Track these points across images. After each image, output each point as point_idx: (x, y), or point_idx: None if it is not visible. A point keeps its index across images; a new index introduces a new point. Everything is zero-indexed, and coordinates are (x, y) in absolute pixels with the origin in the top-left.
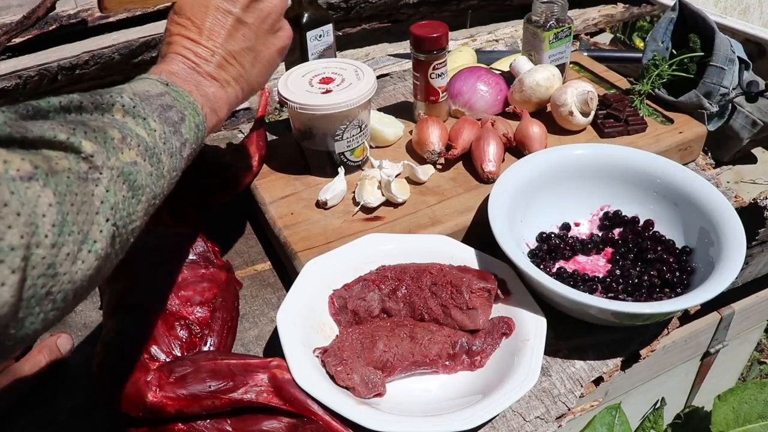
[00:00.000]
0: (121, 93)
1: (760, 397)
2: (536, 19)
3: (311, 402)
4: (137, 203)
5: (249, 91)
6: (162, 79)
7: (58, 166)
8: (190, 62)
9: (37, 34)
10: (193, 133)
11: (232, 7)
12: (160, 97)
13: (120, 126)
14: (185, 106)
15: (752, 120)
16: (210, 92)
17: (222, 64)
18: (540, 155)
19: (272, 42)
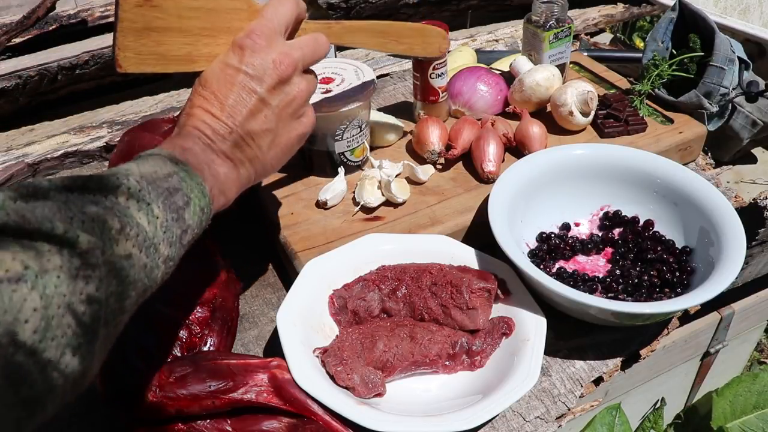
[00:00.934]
0: (128, 175)
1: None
2: (536, 19)
3: (311, 402)
4: (126, 299)
5: (263, 173)
6: (173, 156)
7: (49, 264)
8: (207, 138)
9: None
10: (197, 218)
11: (258, 86)
12: (167, 178)
13: (121, 212)
14: (192, 188)
15: (752, 120)
16: (221, 172)
17: (238, 143)
18: (540, 155)
19: (293, 127)
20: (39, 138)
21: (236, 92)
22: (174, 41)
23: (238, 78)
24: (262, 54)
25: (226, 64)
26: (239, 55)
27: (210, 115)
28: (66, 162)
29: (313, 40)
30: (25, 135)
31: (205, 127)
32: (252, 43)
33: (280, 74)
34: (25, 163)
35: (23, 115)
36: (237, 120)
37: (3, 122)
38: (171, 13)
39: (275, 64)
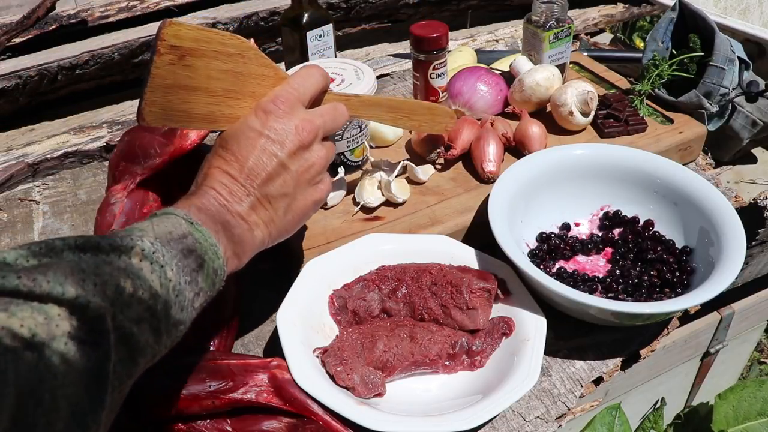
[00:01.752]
0: (142, 236)
1: (759, 395)
2: (536, 19)
3: (311, 402)
4: (133, 365)
5: (277, 237)
6: (188, 217)
7: (57, 330)
8: (223, 199)
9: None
10: (210, 280)
11: (279, 150)
12: (182, 240)
13: (134, 274)
14: (206, 250)
15: (752, 120)
16: (236, 234)
17: (255, 206)
18: (540, 155)
19: (310, 193)
20: (39, 138)
21: (256, 155)
22: (199, 100)
23: (259, 141)
24: (285, 119)
25: (249, 126)
26: (262, 119)
27: (228, 176)
28: (66, 162)
29: (333, 110)
30: (25, 135)
31: (222, 188)
32: (276, 108)
33: (302, 140)
34: (25, 163)
35: (23, 115)
36: (255, 182)
37: (3, 122)
38: (201, 73)
39: (297, 130)
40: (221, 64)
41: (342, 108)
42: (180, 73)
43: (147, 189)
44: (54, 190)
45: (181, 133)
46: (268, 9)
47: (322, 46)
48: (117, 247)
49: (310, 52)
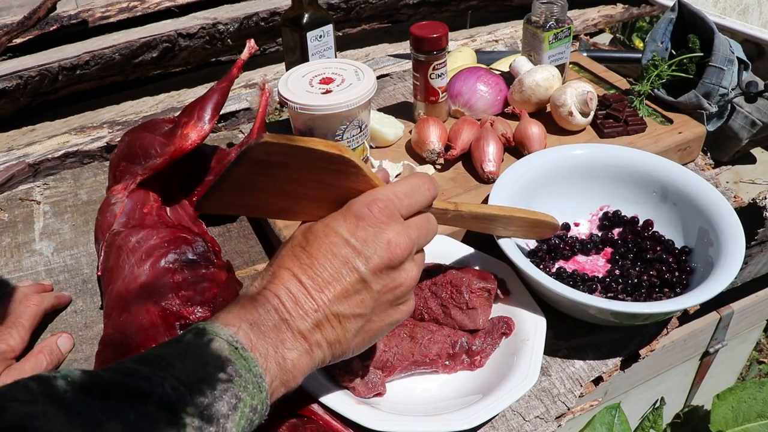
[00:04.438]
0: (164, 377)
1: (759, 396)
2: (536, 20)
3: (311, 401)
4: None
5: (339, 357)
6: (234, 341)
7: None
8: (285, 311)
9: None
10: (245, 422)
11: (363, 266)
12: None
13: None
14: (246, 384)
15: (751, 120)
16: (289, 358)
17: (321, 324)
18: (539, 155)
19: (390, 314)
20: (40, 138)
21: (336, 266)
22: (271, 200)
23: (342, 250)
24: (376, 230)
25: (334, 230)
26: (352, 224)
27: (298, 283)
28: (67, 162)
29: (427, 221)
30: (26, 135)
31: (287, 298)
32: (370, 215)
33: (392, 258)
34: (26, 163)
35: (24, 115)
36: (327, 297)
37: (4, 122)
38: (282, 180)
39: (390, 246)
40: (309, 175)
41: (433, 219)
42: (258, 180)
43: (147, 189)
44: (55, 190)
45: (181, 133)
46: (268, 9)
47: (322, 47)
48: (130, 392)
49: (311, 52)
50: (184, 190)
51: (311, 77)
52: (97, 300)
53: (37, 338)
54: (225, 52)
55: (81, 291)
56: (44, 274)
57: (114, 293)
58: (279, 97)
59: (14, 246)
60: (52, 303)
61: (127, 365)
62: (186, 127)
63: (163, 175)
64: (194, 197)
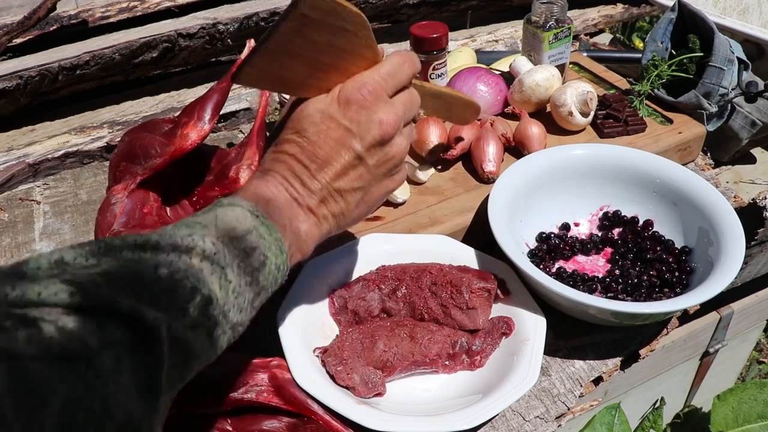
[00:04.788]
0: (204, 235)
1: (760, 397)
2: (536, 20)
3: (311, 402)
4: (186, 370)
5: (344, 227)
6: (255, 209)
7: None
8: (294, 191)
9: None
10: (272, 278)
11: (358, 145)
12: (246, 236)
13: (194, 276)
14: (270, 246)
15: (751, 120)
16: (302, 229)
17: (326, 200)
18: (539, 155)
19: (386, 184)
20: (40, 138)
21: (333, 147)
22: (297, 69)
23: (337, 133)
24: (367, 112)
25: (328, 115)
26: (344, 109)
27: (302, 166)
28: (67, 162)
29: (410, 96)
30: (26, 135)
31: (294, 179)
32: (361, 99)
33: (383, 134)
34: (26, 163)
35: (24, 115)
36: (328, 176)
37: (4, 122)
38: (313, 45)
39: (381, 125)
40: (333, 39)
41: (416, 94)
42: (295, 42)
43: (147, 189)
44: (55, 190)
45: (181, 133)
46: (268, 9)
47: None
48: (177, 247)
49: None
50: (184, 190)
51: None
52: None
53: None
54: (225, 52)
55: None
56: None
57: None
58: (279, 97)
59: (14, 246)
60: None
61: (168, 230)
62: (186, 127)
63: (163, 175)
64: (194, 197)
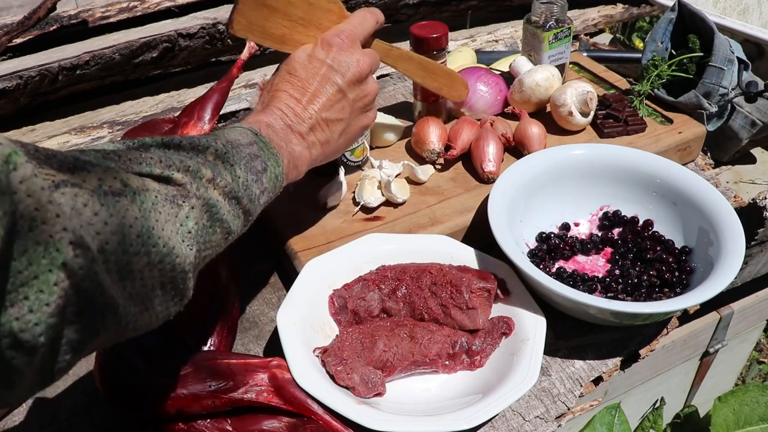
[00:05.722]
0: (216, 139)
1: (762, 400)
2: (536, 20)
3: (311, 402)
4: (213, 233)
5: (330, 155)
6: (254, 129)
7: (145, 186)
8: (288, 119)
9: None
10: (272, 183)
11: (340, 80)
12: (249, 146)
13: (212, 167)
14: (269, 157)
15: (751, 120)
16: (296, 150)
17: (314, 128)
18: (539, 155)
19: (361, 119)
20: (40, 138)
21: (320, 82)
22: (276, 21)
23: (322, 70)
24: (347, 53)
25: (314, 56)
26: (326, 50)
27: (294, 100)
28: None
29: (374, 55)
30: (26, 135)
31: (288, 110)
32: (340, 42)
33: (360, 72)
34: None
35: (24, 116)
36: (316, 107)
37: (4, 122)
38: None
39: (358, 63)
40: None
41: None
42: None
43: None
44: None
45: (181, 133)
46: None
47: None
48: (195, 146)
49: None
50: None
51: None
52: None
53: None
54: (225, 52)
55: None
56: None
57: None
58: None
59: None
60: None
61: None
62: (186, 127)
63: None
64: None
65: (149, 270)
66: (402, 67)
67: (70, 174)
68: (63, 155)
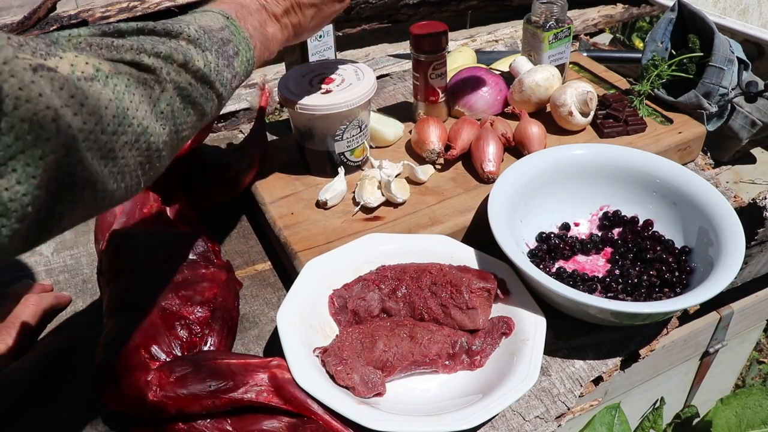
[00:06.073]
0: (188, 24)
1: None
2: (536, 20)
3: (311, 401)
4: (188, 115)
5: (299, 38)
6: (225, 12)
7: (118, 69)
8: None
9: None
10: (244, 67)
11: None
12: (220, 31)
13: (184, 53)
14: (240, 42)
15: (751, 120)
16: (269, 32)
17: (288, 10)
18: (539, 155)
19: (333, 5)
20: None
21: None
22: None
23: None
24: None
25: None
26: None
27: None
28: None
29: None
30: None
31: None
32: None
33: None
34: None
35: None
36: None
37: None
38: None
39: None
40: None
41: None
42: None
43: (147, 189)
44: None
45: None
46: None
47: (322, 47)
48: (169, 32)
49: (310, 52)
50: (184, 190)
51: (311, 77)
52: (97, 300)
53: (36, 338)
54: None
55: (81, 291)
56: (44, 274)
57: (114, 293)
58: (279, 97)
59: None
60: (52, 303)
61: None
62: None
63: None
64: (194, 197)
65: (129, 149)
66: None
67: (43, 60)
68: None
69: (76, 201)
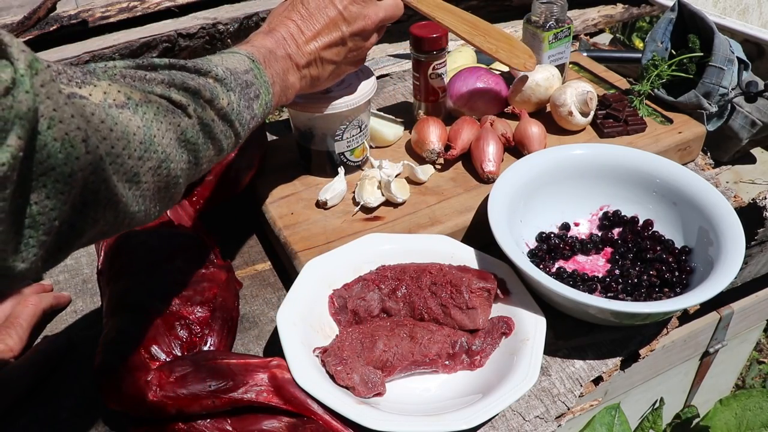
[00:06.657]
0: (217, 65)
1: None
2: (536, 20)
3: (311, 401)
4: (207, 149)
5: (314, 89)
6: (251, 56)
7: (148, 98)
8: (290, 48)
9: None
10: (261, 110)
11: (345, 29)
12: (245, 74)
13: (211, 90)
14: (262, 85)
15: (751, 120)
16: (290, 80)
17: (311, 63)
18: (539, 155)
19: (350, 66)
20: None
21: (326, 24)
22: None
23: (333, 13)
24: (360, 6)
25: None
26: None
27: (299, 32)
28: None
29: (395, 6)
30: None
31: (291, 40)
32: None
33: (365, 27)
34: None
35: None
36: (318, 44)
37: None
38: None
39: (365, 18)
40: None
41: (401, 5)
42: None
43: None
44: None
45: None
46: (268, 9)
47: None
48: (199, 69)
49: None
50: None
51: None
52: (97, 300)
53: (36, 338)
54: None
55: (81, 291)
56: (44, 274)
57: (114, 293)
58: None
59: None
60: (51, 303)
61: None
62: None
63: None
64: (194, 197)
65: (151, 175)
66: (442, 17)
67: (77, 88)
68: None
69: (98, 219)
